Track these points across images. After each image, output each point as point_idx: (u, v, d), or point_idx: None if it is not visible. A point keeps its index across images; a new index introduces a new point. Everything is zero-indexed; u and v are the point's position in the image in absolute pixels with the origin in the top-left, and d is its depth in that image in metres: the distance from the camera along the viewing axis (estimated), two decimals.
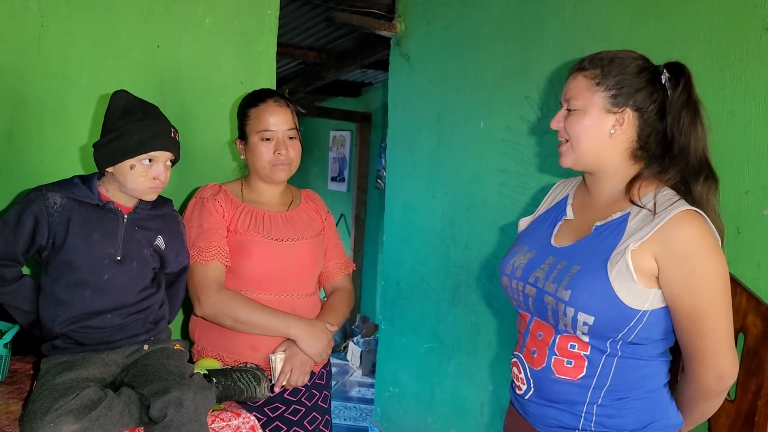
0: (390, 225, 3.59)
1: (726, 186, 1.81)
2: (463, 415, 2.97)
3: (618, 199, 1.37)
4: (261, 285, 1.76)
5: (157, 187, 1.52)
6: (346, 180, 6.37)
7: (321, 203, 2.00)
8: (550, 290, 1.33)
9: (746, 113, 1.78)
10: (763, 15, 1.75)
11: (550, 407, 1.37)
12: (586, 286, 1.27)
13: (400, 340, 3.46)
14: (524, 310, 1.44)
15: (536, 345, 1.38)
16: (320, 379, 1.89)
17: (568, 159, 1.39)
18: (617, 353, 1.31)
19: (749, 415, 1.59)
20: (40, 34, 1.93)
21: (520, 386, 1.42)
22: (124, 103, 1.51)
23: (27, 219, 1.46)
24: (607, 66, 1.34)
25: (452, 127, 3.07)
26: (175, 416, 1.31)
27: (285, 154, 1.77)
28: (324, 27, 4.01)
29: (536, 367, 1.38)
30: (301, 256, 1.81)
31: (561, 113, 1.40)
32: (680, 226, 1.24)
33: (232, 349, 1.75)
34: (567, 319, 1.30)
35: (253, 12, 2.28)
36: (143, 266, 1.56)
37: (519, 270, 1.42)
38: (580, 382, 1.32)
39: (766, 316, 1.58)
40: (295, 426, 1.80)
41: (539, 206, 1.61)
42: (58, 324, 1.48)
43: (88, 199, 1.51)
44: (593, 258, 1.31)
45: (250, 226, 1.77)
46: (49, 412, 1.24)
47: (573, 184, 1.54)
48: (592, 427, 1.33)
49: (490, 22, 2.83)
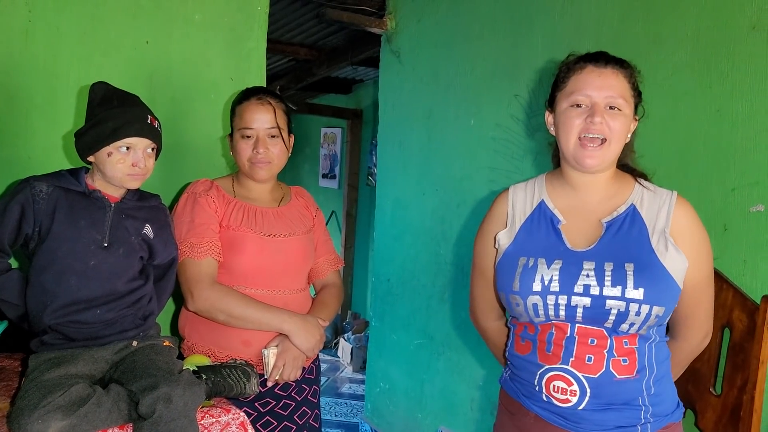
0: (381, 222, 3.60)
1: (713, 183, 1.83)
2: (452, 411, 2.98)
3: (611, 195, 1.40)
4: (253, 280, 1.76)
5: (136, 174, 1.52)
6: (337, 177, 6.36)
7: (311, 200, 2.01)
8: (615, 294, 1.29)
9: (733, 111, 1.79)
10: (750, 14, 1.77)
11: (610, 410, 1.33)
12: (654, 279, 1.30)
13: (391, 337, 3.47)
14: (561, 321, 1.35)
15: (590, 351, 1.33)
16: (310, 374, 1.89)
17: (597, 159, 1.34)
18: (655, 338, 1.36)
19: (735, 410, 1.61)
20: (28, 29, 1.92)
21: (569, 399, 1.34)
22: (102, 93, 1.53)
23: (13, 208, 1.47)
24: (629, 69, 1.39)
25: (442, 124, 3.07)
26: (164, 412, 1.31)
27: (263, 152, 1.77)
28: (315, 24, 4.01)
29: (594, 374, 1.32)
30: (293, 252, 1.82)
31: (600, 109, 1.33)
32: (684, 207, 1.37)
33: (223, 344, 1.75)
34: (638, 318, 1.29)
35: (243, 8, 2.27)
36: (130, 253, 1.56)
37: (554, 284, 1.33)
38: (638, 377, 1.33)
39: (752, 311, 1.59)
40: (285, 420, 1.80)
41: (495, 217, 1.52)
42: (47, 315, 1.47)
43: (75, 187, 1.51)
44: (635, 251, 1.32)
45: (242, 222, 1.77)
46: (37, 409, 1.24)
47: (535, 189, 1.49)
48: (649, 418, 1.34)
49: (480, 20, 2.83)
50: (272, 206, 1.86)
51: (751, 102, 1.75)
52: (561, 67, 1.42)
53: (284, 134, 1.81)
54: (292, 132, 1.88)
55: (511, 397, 1.48)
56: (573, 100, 1.36)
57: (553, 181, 1.48)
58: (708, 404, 1.68)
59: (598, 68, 1.35)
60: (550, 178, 1.50)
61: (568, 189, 1.44)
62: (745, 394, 1.58)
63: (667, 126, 1.95)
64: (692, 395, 1.72)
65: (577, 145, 1.34)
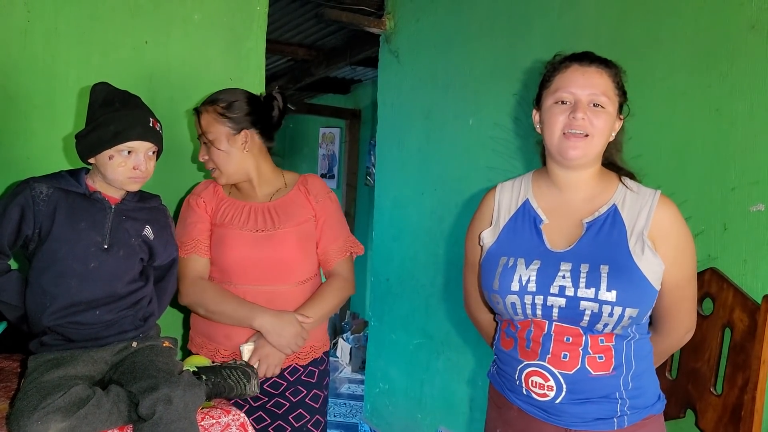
0: (380, 222, 3.59)
1: (712, 182, 1.83)
2: (452, 411, 2.98)
3: (595, 195, 1.42)
4: (240, 276, 1.80)
5: (137, 177, 1.52)
6: (336, 177, 6.36)
7: (315, 187, 1.91)
8: (588, 296, 1.31)
9: (732, 110, 1.79)
10: (749, 13, 1.77)
11: (588, 402, 1.36)
12: (628, 282, 1.31)
13: (390, 337, 3.47)
14: (539, 318, 1.38)
15: (565, 349, 1.35)
16: (310, 377, 1.88)
17: (580, 150, 1.36)
18: (635, 336, 1.37)
19: (735, 410, 1.61)
20: (27, 29, 1.91)
21: (546, 393, 1.37)
22: (104, 94, 1.52)
23: (13, 209, 1.47)
24: (614, 68, 1.40)
25: (441, 124, 3.07)
26: (164, 413, 1.30)
27: (207, 160, 1.82)
28: (313, 24, 4.00)
29: (570, 371, 1.35)
30: (280, 245, 1.81)
31: (582, 106, 1.35)
32: (666, 207, 1.38)
33: (213, 337, 1.83)
34: (611, 319, 1.31)
35: (242, 8, 2.27)
36: (130, 255, 1.56)
37: (531, 284, 1.36)
38: (614, 373, 1.35)
39: (753, 311, 1.59)
40: (279, 420, 1.81)
41: (482, 215, 1.55)
42: (46, 316, 1.47)
43: (75, 189, 1.51)
44: (612, 253, 1.34)
45: (231, 219, 1.82)
46: (37, 410, 1.23)
47: (521, 188, 1.51)
48: (626, 410, 1.37)
49: (479, 20, 2.83)
50: (264, 201, 1.87)
51: (750, 101, 1.75)
52: (547, 67, 1.46)
53: (213, 137, 1.78)
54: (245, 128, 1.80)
55: (498, 390, 1.52)
56: (557, 97, 1.39)
57: (539, 180, 1.50)
58: (708, 404, 1.68)
59: (582, 67, 1.38)
60: (536, 177, 1.52)
61: (552, 188, 1.47)
62: (746, 394, 1.58)
63: (665, 126, 1.95)
64: (693, 395, 1.73)
65: (561, 137, 1.37)
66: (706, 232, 1.82)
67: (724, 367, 1.66)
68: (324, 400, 1.92)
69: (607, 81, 1.38)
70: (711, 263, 1.77)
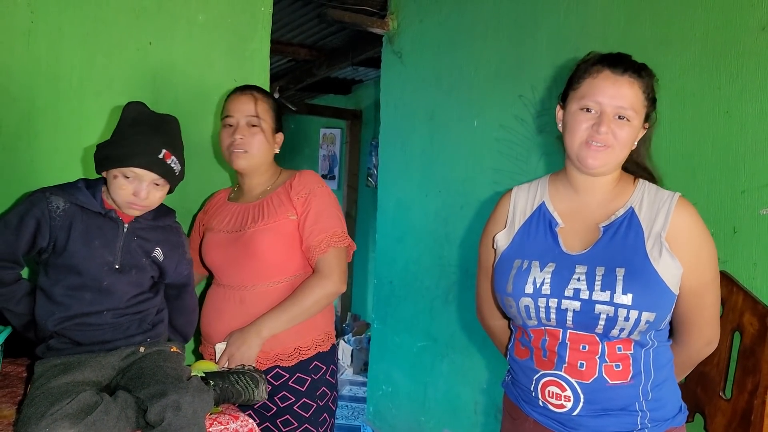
0: (383, 223, 3.58)
1: (722, 185, 1.82)
2: (456, 414, 2.96)
3: (611, 198, 1.40)
4: (222, 276, 1.86)
5: (135, 203, 1.50)
6: (337, 178, 6.35)
7: (300, 184, 1.84)
8: (604, 299, 1.29)
9: (742, 113, 1.78)
10: (760, 15, 1.75)
11: (606, 415, 1.33)
12: (645, 285, 1.29)
13: (393, 339, 3.46)
14: (552, 326, 1.36)
15: (582, 358, 1.33)
16: (299, 384, 1.80)
17: (600, 161, 1.34)
18: (653, 344, 1.35)
19: (745, 414, 1.60)
20: (30, 30, 1.90)
21: (563, 404, 1.35)
22: (134, 114, 1.53)
23: (29, 221, 1.46)
24: (647, 78, 1.36)
25: (445, 125, 3.06)
26: (173, 420, 1.29)
27: (240, 140, 1.80)
28: (316, 24, 3.99)
29: (587, 380, 1.32)
30: (251, 245, 1.78)
31: (607, 119, 1.32)
32: (685, 210, 1.35)
33: (204, 336, 1.91)
34: (627, 323, 1.29)
35: (247, 9, 2.26)
36: (142, 274, 1.57)
37: (545, 287, 1.34)
38: (632, 382, 1.33)
39: (763, 315, 1.58)
40: (267, 422, 1.78)
41: (496, 218, 1.54)
42: (52, 322, 1.47)
43: (91, 207, 1.50)
44: (628, 256, 1.32)
45: (217, 222, 1.88)
46: (45, 417, 1.22)
47: (537, 190, 1.50)
48: (647, 423, 1.34)
49: (484, 20, 2.82)
50: (252, 201, 1.87)
51: (760, 103, 1.74)
52: (579, 65, 1.41)
53: (265, 126, 1.83)
54: (281, 130, 1.89)
55: (513, 402, 1.49)
56: (583, 104, 1.35)
57: (556, 183, 1.49)
58: (718, 409, 1.67)
59: (614, 75, 1.33)
60: (553, 180, 1.50)
61: (570, 191, 1.45)
62: (756, 398, 1.57)
63: (675, 127, 1.94)
64: (702, 399, 1.71)
65: (582, 145, 1.35)
66: (715, 235, 1.80)
67: (733, 372, 1.65)
68: (317, 410, 1.81)
69: (637, 93, 1.34)
70: (720, 267, 1.75)
